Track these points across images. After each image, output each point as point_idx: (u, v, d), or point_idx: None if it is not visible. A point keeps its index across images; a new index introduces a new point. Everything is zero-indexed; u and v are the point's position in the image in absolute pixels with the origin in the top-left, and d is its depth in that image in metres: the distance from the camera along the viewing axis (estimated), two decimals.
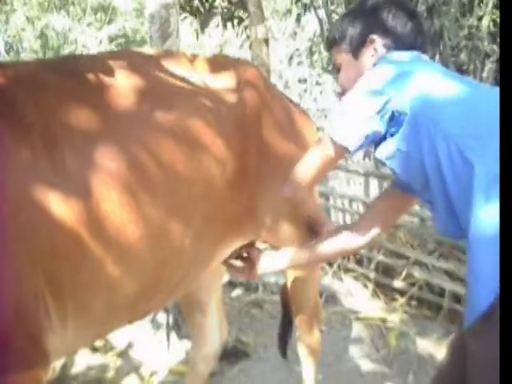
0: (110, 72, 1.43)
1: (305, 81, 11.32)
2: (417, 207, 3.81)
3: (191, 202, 1.47)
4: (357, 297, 4.06)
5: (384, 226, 1.62)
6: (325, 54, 10.95)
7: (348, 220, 4.54)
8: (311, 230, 1.82)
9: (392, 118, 1.35)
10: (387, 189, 1.66)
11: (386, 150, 1.40)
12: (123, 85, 1.42)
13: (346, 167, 4.55)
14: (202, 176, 1.50)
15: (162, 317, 3.31)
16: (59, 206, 1.22)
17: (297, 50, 11.22)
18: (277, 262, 1.77)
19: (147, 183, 1.38)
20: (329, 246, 1.65)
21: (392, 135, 1.37)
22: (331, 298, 4.02)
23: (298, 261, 1.74)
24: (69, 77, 1.36)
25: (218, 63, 1.81)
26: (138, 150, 1.38)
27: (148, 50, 1.86)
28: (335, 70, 1.66)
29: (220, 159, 1.57)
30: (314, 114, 11.30)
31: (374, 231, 1.59)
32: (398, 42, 1.51)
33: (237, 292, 4.25)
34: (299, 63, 11.12)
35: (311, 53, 11.35)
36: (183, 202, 1.45)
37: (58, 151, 1.26)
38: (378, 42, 1.52)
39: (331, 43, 1.63)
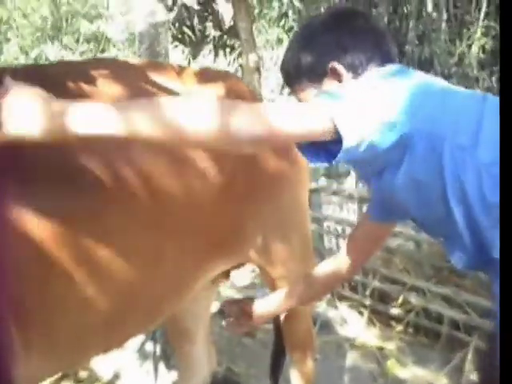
0: (90, 79, 1.35)
1: None
2: (412, 231, 3.73)
3: (169, 216, 1.38)
4: (352, 324, 3.94)
5: (366, 256, 1.57)
6: None
7: (342, 244, 4.44)
8: None
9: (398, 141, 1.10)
10: (364, 217, 1.52)
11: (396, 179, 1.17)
12: (103, 93, 1.34)
13: (340, 192, 4.48)
14: (182, 188, 1.41)
15: (149, 346, 3.17)
16: (20, 219, 1.12)
17: None
18: (272, 307, 1.68)
19: (120, 194, 1.29)
20: (319, 285, 1.60)
21: (393, 162, 1.15)
22: (325, 326, 3.89)
23: (292, 302, 1.64)
24: (44, 84, 1.28)
25: (205, 75, 1.74)
26: (113, 157, 1.30)
27: (134, 59, 1.78)
28: None
29: (203, 171, 1.48)
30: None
31: (359, 262, 1.54)
32: (364, 60, 1.23)
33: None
34: (290, 93, 11.19)
35: None
36: (159, 216, 1.36)
37: None
38: (340, 68, 1.23)
39: (288, 78, 1.34)
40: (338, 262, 1.54)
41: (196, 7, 7.10)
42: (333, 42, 1.24)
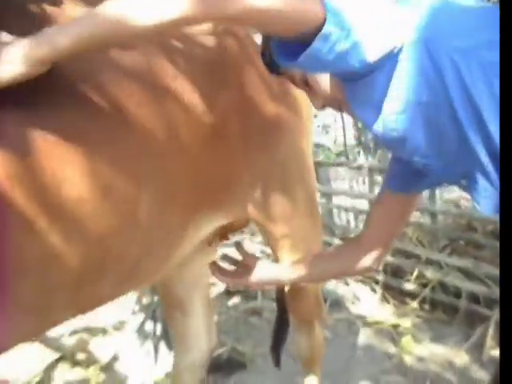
0: (57, 1, 1.14)
1: None
2: (425, 200, 3.51)
3: (150, 157, 1.17)
4: (364, 301, 3.74)
5: (390, 239, 1.35)
6: None
7: (352, 220, 4.23)
8: None
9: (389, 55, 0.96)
10: (381, 194, 1.32)
11: (388, 109, 1.01)
12: (72, 16, 1.13)
13: (348, 164, 4.26)
14: (166, 126, 1.19)
15: (149, 325, 2.99)
16: None
17: None
18: (273, 273, 1.49)
19: (93, 126, 1.08)
20: (330, 266, 1.41)
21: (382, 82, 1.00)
22: (336, 304, 3.70)
23: (295, 277, 1.45)
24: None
25: None
26: (83, 85, 1.09)
27: None
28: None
29: (190, 109, 1.27)
30: (314, 130, 11.11)
31: (378, 250, 1.33)
32: None
33: (234, 300, 3.94)
34: None
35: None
36: (139, 155, 1.15)
37: None
38: None
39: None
40: (357, 248, 1.35)
41: None
42: None
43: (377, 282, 3.79)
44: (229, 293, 4.04)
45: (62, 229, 1.07)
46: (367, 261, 1.33)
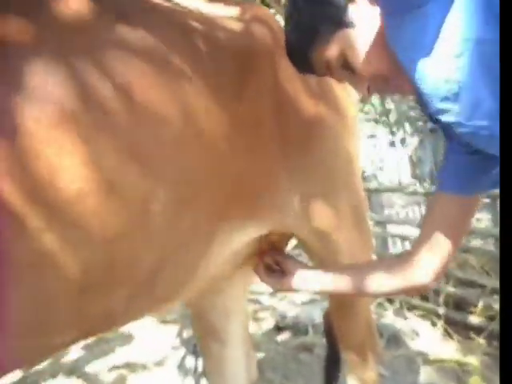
0: None
1: None
2: (489, 223, 3.20)
3: (164, 147, 1.00)
4: (424, 337, 3.42)
5: (450, 250, 1.11)
6: (377, 104, 10.62)
7: (407, 247, 3.93)
8: None
9: None
10: (436, 195, 1.13)
11: (442, 51, 0.84)
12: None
13: (402, 189, 4.00)
14: (183, 112, 1.03)
15: (190, 361, 2.79)
16: None
17: None
18: (314, 281, 1.32)
19: (97, 108, 0.93)
20: (381, 280, 1.20)
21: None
22: (394, 340, 3.39)
23: (339, 288, 1.27)
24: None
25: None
26: (89, 69, 0.95)
27: None
28: (328, 73, 1.06)
29: (212, 95, 1.10)
30: (367, 167, 10.84)
31: (435, 264, 1.11)
32: None
33: (283, 336, 3.69)
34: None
35: (364, 102, 11.01)
36: (151, 144, 0.98)
37: None
38: None
39: (306, 47, 1.01)
40: (410, 263, 1.14)
41: None
42: None
43: (438, 316, 3.47)
44: (278, 328, 3.81)
45: (59, 228, 0.91)
46: (423, 277, 1.12)
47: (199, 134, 1.07)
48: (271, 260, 1.44)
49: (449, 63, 0.83)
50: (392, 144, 10.66)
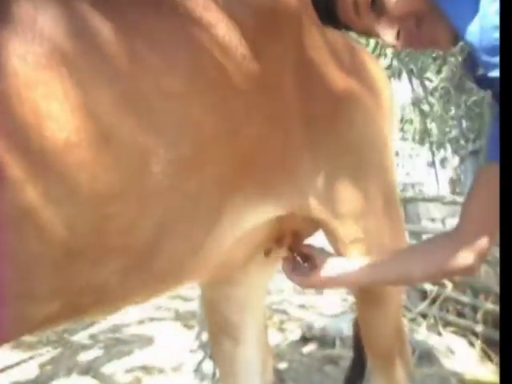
0: None
1: (396, 154, 10.80)
2: None
3: (167, 99, 0.88)
4: (460, 356, 3.19)
5: (493, 231, 0.98)
6: (417, 123, 10.40)
7: None
8: None
9: None
10: (484, 167, 1.01)
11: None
12: None
13: (441, 199, 3.80)
14: (192, 64, 0.91)
15: (207, 365, 2.65)
16: None
17: None
18: (347, 272, 1.16)
19: (91, 51, 0.82)
20: (420, 262, 1.07)
21: None
22: (426, 356, 3.17)
23: (379, 277, 1.13)
24: None
25: None
26: (87, 7, 0.84)
27: None
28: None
29: (225, 49, 0.98)
30: (406, 188, 10.58)
31: (481, 244, 0.98)
32: None
33: (309, 347, 3.52)
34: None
35: (405, 122, 10.82)
36: (151, 94, 0.87)
37: None
38: None
39: None
40: (454, 242, 1.01)
41: None
42: None
43: (475, 334, 3.23)
44: (305, 339, 3.63)
45: (43, 182, 0.80)
46: (469, 257, 0.97)
47: (209, 87, 0.94)
48: (297, 253, 1.29)
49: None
50: (432, 164, 10.40)
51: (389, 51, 8.30)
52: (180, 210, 0.96)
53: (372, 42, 4.77)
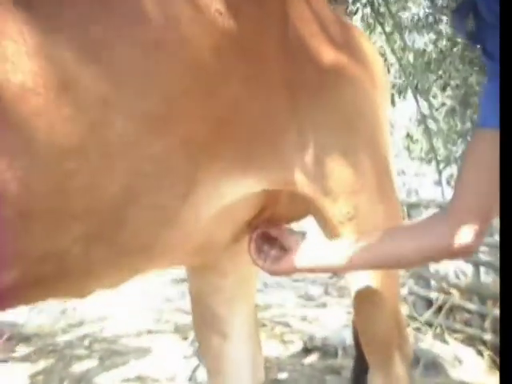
0: None
1: (403, 173, 10.74)
2: None
3: (133, 49, 0.81)
4: (468, 365, 3.05)
5: (491, 205, 0.89)
6: (423, 142, 10.34)
7: (451, 269, 3.62)
8: None
9: None
10: (477, 135, 0.92)
11: None
12: None
13: (445, 204, 3.70)
14: (162, 13, 0.84)
15: (202, 373, 2.54)
16: None
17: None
18: (325, 255, 1.06)
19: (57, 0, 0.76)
20: (411, 242, 0.96)
21: None
22: (432, 366, 3.04)
23: (359, 260, 1.02)
24: None
25: None
26: None
27: None
28: None
29: (202, 7, 0.90)
30: (413, 207, 10.43)
31: (478, 220, 0.89)
32: None
33: (311, 358, 3.40)
34: (396, 155, 10.51)
35: (411, 140, 10.78)
36: (117, 45, 0.80)
37: None
38: None
39: None
40: (449, 219, 0.92)
41: None
42: None
43: (483, 343, 3.11)
44: (306, 350, 3.52)
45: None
46: (466, 235, 0.88)
47: (180, 40, 0.87)
48: (261, 236, 1.19)
49: None
50: (438, 183, 10.32)
51: (393, 68, 8.28)
52: (148, 173, 0.88)
53: None
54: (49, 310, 4.18)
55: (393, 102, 7.68)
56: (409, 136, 10.92)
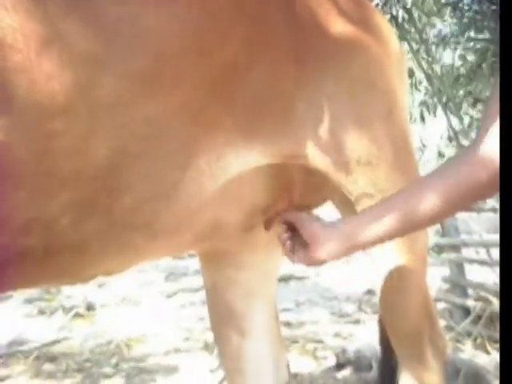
0: None
1: None
2: None
3: (118, 5, 0.77)
4: None
5: None
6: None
7: (489, 274, 3.45)
8: None
9: None
10: None
11: None
12: None
13: (480, 210, 3.56)
14: None
15: None
16: None
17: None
18: (354, 237, 0.94)
19: None
20: (447, 181, 0.84)
21: None
22: (473, 377, 2.87)
23: (392, 227, 0.89)
24: None
25: None
26: None
27: None
28: None
29: None
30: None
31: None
32: None
33: (344, 373, 3.27)
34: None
35: (442, 158, 10.60)
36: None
37: None
38: None
39: None
40: (472, 148, 0.82)
41: None
42: None
43: None
44: (339, 365, 3.39)
45: None
46: (482, 173, 0.79)
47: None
48: (281, 225, 1.08)
49: None
50: None
51: (421, 86, 8.15)
52: (143, 137, 0.82)
53: None
54: (78, 330, 4.16)
55: (423, 120, 7.51)
56: (440, 155, 10.70)
